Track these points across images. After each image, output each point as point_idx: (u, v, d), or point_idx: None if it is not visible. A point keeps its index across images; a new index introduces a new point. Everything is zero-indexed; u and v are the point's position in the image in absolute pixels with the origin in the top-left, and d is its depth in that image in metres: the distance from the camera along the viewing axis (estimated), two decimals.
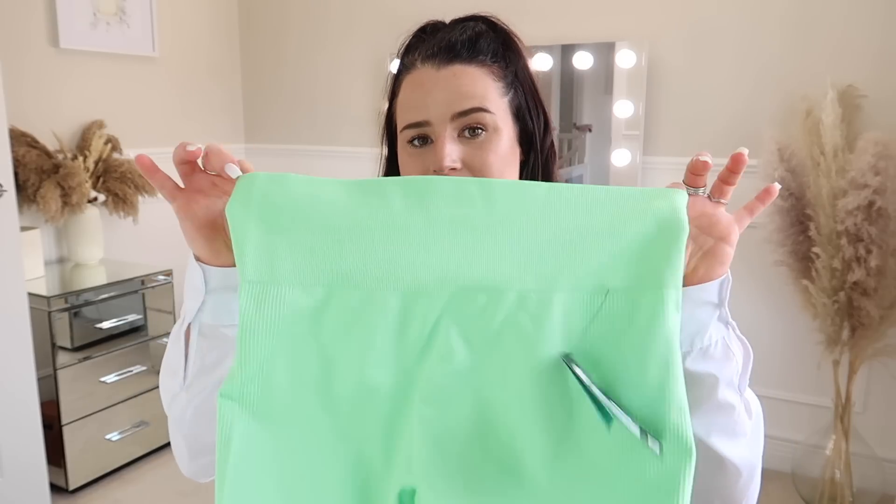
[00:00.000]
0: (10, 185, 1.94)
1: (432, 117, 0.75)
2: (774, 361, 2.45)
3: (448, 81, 0.76)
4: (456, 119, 0.75)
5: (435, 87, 0.76)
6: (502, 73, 0.79)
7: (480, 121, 0.75)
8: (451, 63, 0.76)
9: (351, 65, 3.02)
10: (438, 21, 0.82)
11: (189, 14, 3.07)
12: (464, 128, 0.75)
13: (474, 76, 0.76)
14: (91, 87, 2.69)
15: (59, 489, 2.28)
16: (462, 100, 0.75)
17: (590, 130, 2.65)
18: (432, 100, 0.75)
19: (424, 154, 0.77)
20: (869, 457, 2.21)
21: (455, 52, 0.77)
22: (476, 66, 0.77)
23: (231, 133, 3.35)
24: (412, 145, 0.78)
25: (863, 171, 1.92)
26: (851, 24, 2.18)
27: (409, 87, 0.78)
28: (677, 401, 0.57)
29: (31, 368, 2.05)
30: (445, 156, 0.74)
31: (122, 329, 2.42)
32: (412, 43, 0.82)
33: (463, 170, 0.75)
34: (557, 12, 2.60)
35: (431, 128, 0.76)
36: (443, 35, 0.78)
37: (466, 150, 0.76)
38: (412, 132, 0.77)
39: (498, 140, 0.76)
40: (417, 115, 0.76)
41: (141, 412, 2.50)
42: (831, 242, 2.01)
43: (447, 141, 0.75)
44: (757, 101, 2.34)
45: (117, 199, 2.57)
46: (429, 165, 0.76)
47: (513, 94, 0.79)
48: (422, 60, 0.78)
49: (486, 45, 0.78)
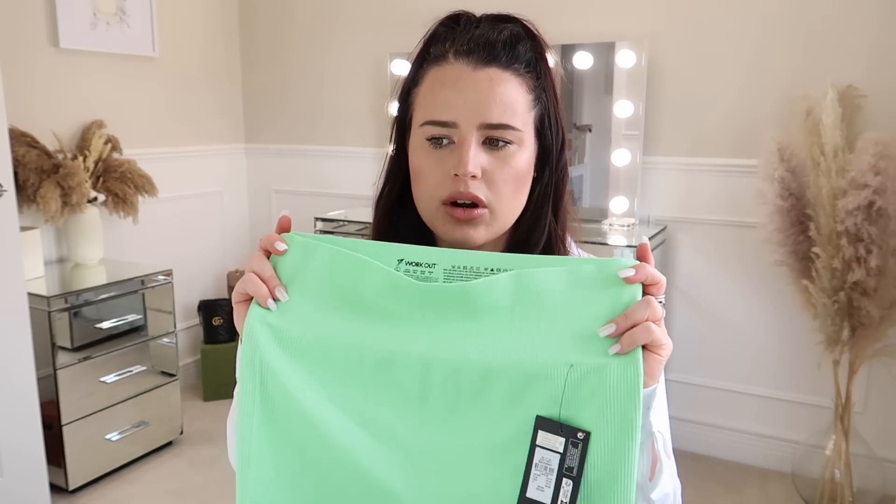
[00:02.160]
0: (10, 185, 1.94)
1: (461, 120, 0.73)
2: (774, 361, 2.45)
3: (484, 85, 0.73)
4: (484, 129, 0.73)
5: (469, 89, 0.73)
6: (533, 86, 0.77)
7: (507, 136, 0.74)
8: (488, 65, 0.74)
9: (351, 65, 3.02)
10: (471, 13, 0.79)
11: (189, 14, 3.07)
12: (490, 137, 0.74)
13: (510, 85, 0.74)
14: (91, 87, 2.69)
15: (58, 489, 2.27)
16: (495, 111, 0.73)
17: (590, 130, 2.65)
18: (464, 102, 0.73)
19: (445, 156, 0.74)
20: (869, 457, 2.21)
21: (494, 53, 0.74)
22: (512, 74, 0.75)
23: (231, 133, 3.35)
24: (432, 144, 0.75)
25: (863, 171, 1.92)
26: (851, 24, 2.18)
27: (439, 81, 0.75)
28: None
29: (31, 368, 2.05)
30: (469, 161, 0.72)
31: (121, 329, 2.42)
32: (442, 33, 0.78)
33: (481, 180, 0.74)
34: (557, 12, 2.60)
35: (457, 130, 0.74)
36: (481, 32, 0.75)
37: (488, 160, 0.74)
38: (436, 130, 0.74)
39: (520, 156, 0.75)
40: (446, 114, 0.73)
41: (141, 412, 2.50)
42: (831, 242, 2.01)
43: (473, 146, 0.73)
44: (757, 101, 2.34)
45: (117, 199, 2.57)
46: (449, 169, 0.74)
47: (539, 109, 0.77)
48: (455, 55, 0.75)
49: (524, 53, 0.76)
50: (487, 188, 0.74)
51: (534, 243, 0.81)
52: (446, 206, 0.75)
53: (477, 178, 0.74)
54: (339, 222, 2.72)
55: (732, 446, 2.55)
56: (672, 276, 2.56)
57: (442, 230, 0.78)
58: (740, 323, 2.47)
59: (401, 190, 0.82)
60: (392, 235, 0.83)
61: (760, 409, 2.50)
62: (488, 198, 0.75)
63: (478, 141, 0.74)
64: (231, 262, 3.36)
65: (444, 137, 0.74)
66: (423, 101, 0.77)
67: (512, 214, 0.78)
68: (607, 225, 2.54)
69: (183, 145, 3.06)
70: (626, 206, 2.55)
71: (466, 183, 0.73)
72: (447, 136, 0.74)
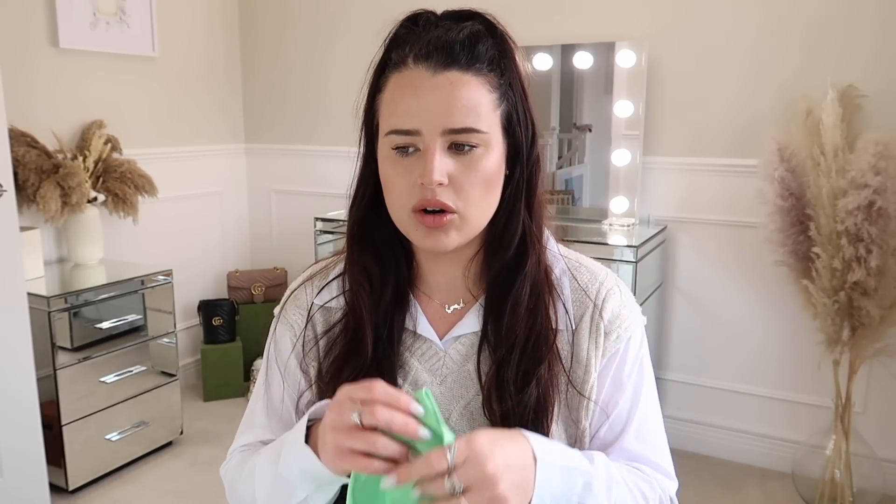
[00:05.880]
0: (9, 185, 1.93)
1: (424, 128, 0.72)
2: (775, 361, 2.45)
3: (444, 90, 0.72)
4: (448, 134, 0.73)
5: (429, 95, 0.72)
6: (497, 83, 0.75)
7: (472, 140, 0.73)
8: (448, 68, 0.72)
9: (351, 65, 3.02)
10: (430, 12, 0.77)
11: (189, 14, 3.07)
12: (455, 142, 0.73)
13: (471, 87, 0.73)
14: (91, 87, 2.69)
15: (58, 489, 2.27)
16: (457, 116, 0.72)
17: (590, 130, 2.65)
18: (425, 109, 0.72)
19: (412, 165, 0.73)
20: (869, 457, 2.20)
21: (453, 55, 0.73)
22: (473, 75, 0.73)
23: (231, 133, 3.35)
24: (398, 153, 0.74)
25: (863, 171, 1.92)
26: (851, 24, 2.18)
27: (399, 87, 0.74)
28: None
29: (31, 368, 2.05)
30: (434, 169, 0.71)
31: (121, 329, 2.42)
32: (402, 35, 0.77)
33: (448, 187, 0.73)
34: (557, 12, 2.60)
35: (421, 138, 0.73)
36: (439, 34, 0.74)
37: (455, 165, 0.73)
38: (400, 139, 0.73)
39: (488, 159, 0.74)
40: (408, 122, 0.73)
41: (141, 412, 2.50)
42: (831, 242, 2.01)
43: (437, 154, 0.72)
44: (757, 101, 2.34)
45: (117, 199, 2.57)
46: (415, 178, 0.73)
47: (505, 106, 0.76)
48: (414, 59, 0.74)
49: (485, 51, 0.74)
50: (455, 194, 0.74)
51: (507, 243, 0.80)
52: (416, 214, 0.75)
53: (444, 184, 0.73)
54: (339, 222, 2.72)
55: (732, 446, 2.55)
56: (672, 276, 2.56)
57: (414, 238, 0.78)
58: (740, 323, 2.47)
59: (373, 197, 0.81)
60: (367, 242, 0.83)
61: (760, 409, 2.50)
62: (456, 203, 0.74)
63: (443, 147, 0.73)
64: (231, 261, 3.36)
65: (409, 146, 0.74)
66: (386, 109, 0.76)
67: (483, 217, 0.77)
68: (607, 225, 2.54)
69: (183, 145, 3.06)
70: (626, 206, 2.55)
71: (434, 190, 0.72)
72: (412, 144, 0.73)
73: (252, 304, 3.15)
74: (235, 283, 3.16)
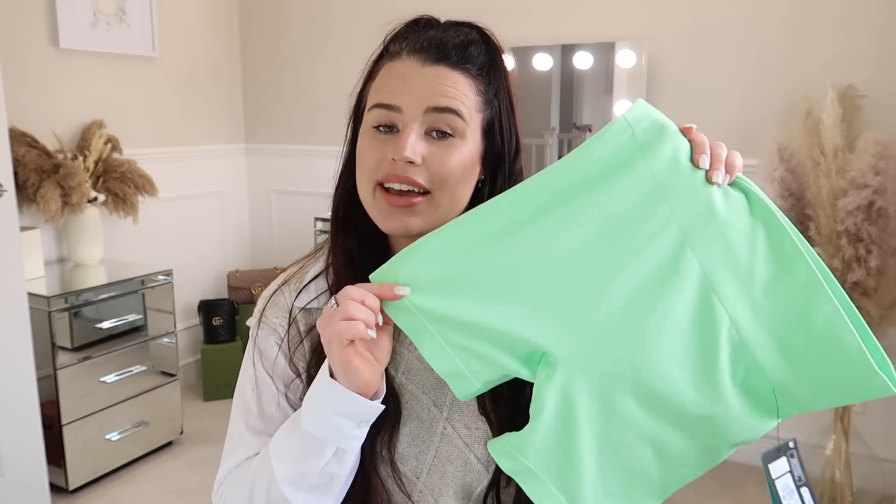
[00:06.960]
0: (10, 185, 1.94)
1: (405, 106, 0.74)
2: None
3: (430, 79, 0.74)
4: (428, 114, 0.73)
5: (415, 80, 0.74)
6: (483, 89, 0.77)
7: (451, 123, 0.74)
8: (437, 63, 0.75)
9: (351, 64, 3.01)
10: (433, 18, 0.81)
11: (189, 14, 3.07)
12: (433, 128, 0.74)
13: (457, 82, 0.75)
14: (91, 87, 2.69)
15: (58, 489, 2.28)
16: (439, 97, 0.74)
17: (590, 130, 2.65)
18: (409, 90, 0.74)
19: (387, 142, 0.74)
20: (869, 457, 2.20)
21: (444, 53, 0.75)
22: (461, 73, 0.75)
23: (231, 133, 3.35)
24: (377, 131, 0.76)
25: (863, 171, 1.92)
26: (851, 25, 2.18)
27: (389, 73, 0.77)
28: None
29: (31, 368, 2.05)
30: (408, 146, 0.72)
31: (122, 329, 2.42)
32: (402, 32, 0.80)
33: (421, 167, 0.74)
34: (557, 12, 2.61)
35: (401, 115, 0.74)
36: (435, 33, 0.77)
37: (430, 149, 0.74)
38: (381, 113, 0.75)
39: (463, 149, 0.75)
40: (391, 98, 0.74)
41: (141, 412, 2.50)
42: (831, 242, 2.01)
43: (413, 133, 0.73)
44: (757, 101, 2.34)
45: (117, 199, 2.57)
46: (388, 154, 0.74)
47: (488, 113, 0.78)
48: (408, 52, 0.76)
49: (476, 56, 0.77)
50: (428, 173, 0.74)
51: None
52: (382, 192, 0.75)
53: (416, 164, 0.73)
54: None
55: None
56: None
57: (376, 217, 0.77)
58: None
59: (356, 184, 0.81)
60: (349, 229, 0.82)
61: None
62: (429, 183, 0.74)
63: (420, 130, 0.74)
64: (231, 261, 3.36)
65: (389, 124, 0.75)
66: (373, 90, 0.78)
67: (452, 207, 0.77)
68: None
69: (183, 145, 3.06)
70: None
71: (405, 167, 0.73)
72: (392, 122, 0.75)
73: (252, 304, 3.15)
74: (235, 283, 3.16)
